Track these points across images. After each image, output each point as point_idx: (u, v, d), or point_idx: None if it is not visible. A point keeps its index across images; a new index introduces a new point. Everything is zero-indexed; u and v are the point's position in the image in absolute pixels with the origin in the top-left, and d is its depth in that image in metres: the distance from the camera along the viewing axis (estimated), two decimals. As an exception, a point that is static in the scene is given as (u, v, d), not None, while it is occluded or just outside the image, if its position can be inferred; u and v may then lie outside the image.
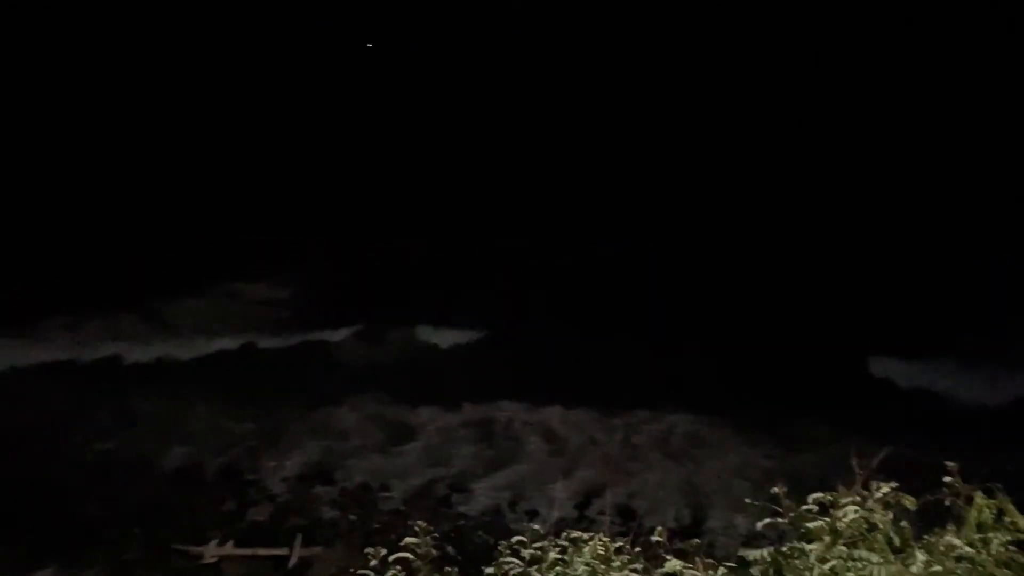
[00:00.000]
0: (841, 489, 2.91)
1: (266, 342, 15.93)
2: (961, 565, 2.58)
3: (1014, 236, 16.33)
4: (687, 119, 22.95)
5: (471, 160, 23.31)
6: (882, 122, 20.87)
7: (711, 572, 3.07)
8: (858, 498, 2.85)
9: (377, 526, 10.21)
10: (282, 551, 9.78)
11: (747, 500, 3.37)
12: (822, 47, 22.30)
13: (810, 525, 2.85)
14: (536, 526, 3.69)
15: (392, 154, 23.90)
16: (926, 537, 2.74)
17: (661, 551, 3.33)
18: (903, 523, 2.81)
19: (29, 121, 21.88)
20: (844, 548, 2.71)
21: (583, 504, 10.57)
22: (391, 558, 3.70)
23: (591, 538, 3.54)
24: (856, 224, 18.75)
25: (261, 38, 25.42)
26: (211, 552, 9.68)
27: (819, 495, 2.92)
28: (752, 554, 2.94)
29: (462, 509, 10.75)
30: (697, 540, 3.51)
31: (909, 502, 2.84)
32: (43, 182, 20.70)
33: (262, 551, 9.79)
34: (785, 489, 3.02)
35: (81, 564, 9.32)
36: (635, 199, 21.17)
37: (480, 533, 10.09)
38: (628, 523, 9.41)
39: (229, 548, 9.77)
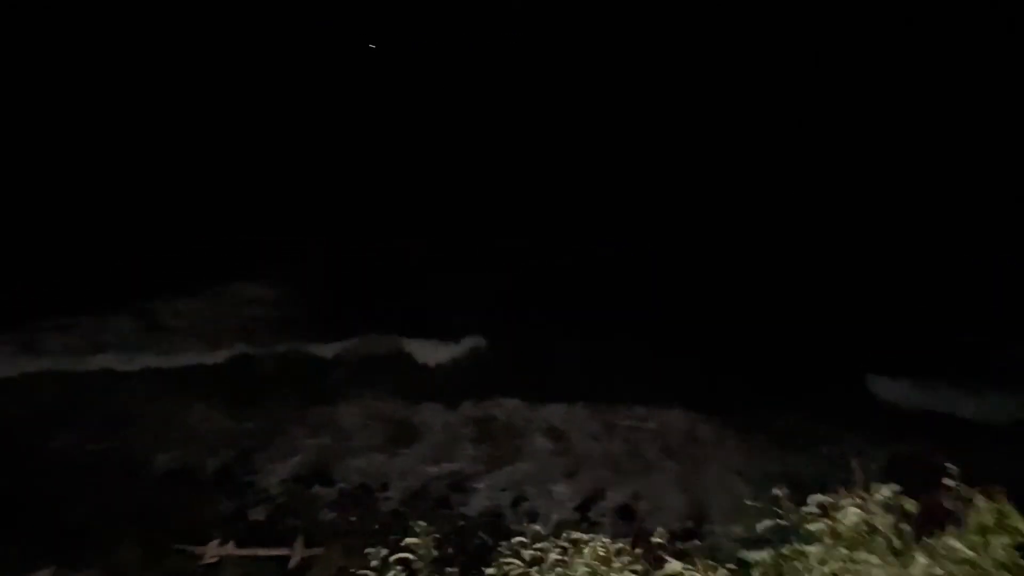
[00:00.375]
0: (842, 491, 2.91)
1: (264, 342, 15.88)
2: (961, 568, 2.58)
3: (1014, 237, 16.36)
4: (687, 120, 22.98)
5: (471, 160, 23.33)
6: (884, 124, 20.87)
7: (712, 574, 3.07)
8: (859, 500, 2.85)
9: (377, 527, 10.20)
10: (283, 551, 9.78)
11: (748, 502, 3.37)
12: (821, 50, 22.31)
13: (811, 527, 2.85)
14: (537, 526, 3.68)
15: (391, 154, 23.90)
16: (926, 539, 2.74)
17: (662, 552, 3.33)
18: (903, 525, 2.81)
19: (23, 119, 21.84)
20: (844, 550, 2.71)
21: (585, 505, 10.55)
22: (392, 558, 3.70)
23: (591, 539, 3.54)
24: (857, 224, 18.76)
25: (259, 36, 25.39)
26: (212, 552, 9.68)
27: (820, 497, 2.93)
28: (753, 556, 2.95)
29: (462, 509, 10.74)
30: (698, 541, 3.51)
31: (910, 504, 2.84)
32: (37, 182, 20.66)
33: (263, 551, 9.79)
34: (786, 491, 3.02)
35: (79, 565, 9.29)
36: (635, 199, 21.20)
37: (480, 534, 10.08)
38: (629, 524, 9.40)
39: (230, 548, 9.77)
